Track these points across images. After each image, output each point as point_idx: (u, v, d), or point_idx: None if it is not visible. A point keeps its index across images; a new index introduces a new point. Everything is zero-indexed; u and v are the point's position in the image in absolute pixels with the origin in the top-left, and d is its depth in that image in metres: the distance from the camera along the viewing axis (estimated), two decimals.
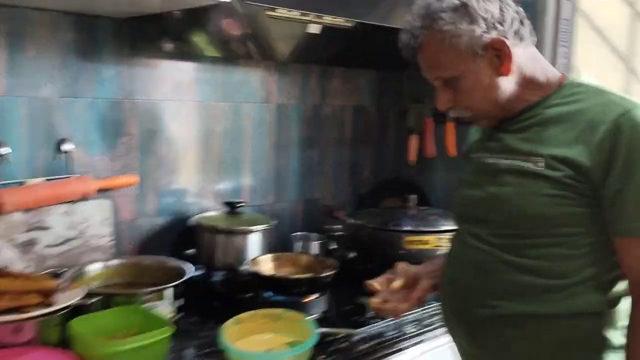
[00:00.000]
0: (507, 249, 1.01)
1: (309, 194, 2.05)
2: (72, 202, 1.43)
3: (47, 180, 1.40)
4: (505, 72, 1.01)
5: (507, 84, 1.02)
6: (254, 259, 1.52)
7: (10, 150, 1.36)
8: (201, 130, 1.73)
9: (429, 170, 2.20)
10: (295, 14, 1.51)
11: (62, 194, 1.39)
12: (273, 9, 1.48)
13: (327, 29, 1.68)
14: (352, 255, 1.69)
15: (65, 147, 1.43)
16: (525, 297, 0.99)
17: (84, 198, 1.44)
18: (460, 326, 1.10)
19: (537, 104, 1.04)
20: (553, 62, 1.83)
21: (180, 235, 1.67)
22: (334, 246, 1.74)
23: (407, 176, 2.27)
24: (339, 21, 1.60)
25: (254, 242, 1.61)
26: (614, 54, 1.90)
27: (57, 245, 1.41)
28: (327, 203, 2.07)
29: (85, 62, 1.46)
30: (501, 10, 1.01)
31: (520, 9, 1.05)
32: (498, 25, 1.00)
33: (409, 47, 1.05)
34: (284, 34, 1.73)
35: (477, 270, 1.05)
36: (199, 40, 1.60)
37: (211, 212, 1.71)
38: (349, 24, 1.63)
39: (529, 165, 0.99)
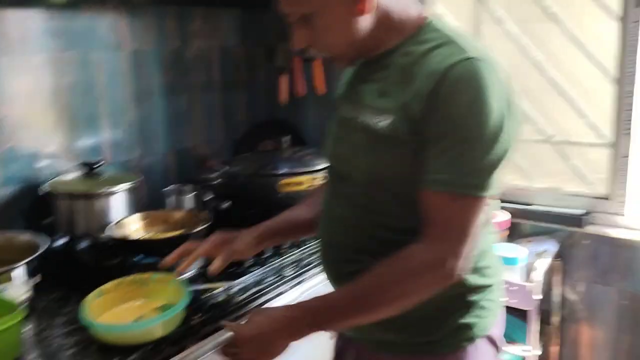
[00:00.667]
0: (366, 207, 1.00)
1: (180, 144, 1.95)
2: None
3: None
4: (361, 11, 0.94)
5: (364, 24, 0.96)
6: (119, 222, 1.43)
7: None
8: (47, 86, 1.55)
9: (301, 109, 2.17)
10: None
11: None
12: None
13: None
14: (226, 205, 1.64)
15: None
16: (383, 253, 0.96)
17: None
18: (331, 277, 1.10)
19: (393, 50, 0.99)
20: None
21: (34, 204, 1.52)
22: (208, 197, 1.67)
23: (281, 117, 2.22)
24: None
25: (119, 203, 1.50)
26: None
27: None
28: (200, 152, 1.99)
29: None
30: None
31: None
32: None
33: None
34: None
35: (343, 227, 1.04)
36: None
37: (68, 174, 1.57)
38: None
39: (376, 121, 0.96)
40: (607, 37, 1.77)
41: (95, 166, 1.52)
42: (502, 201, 1.94)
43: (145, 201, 1.65)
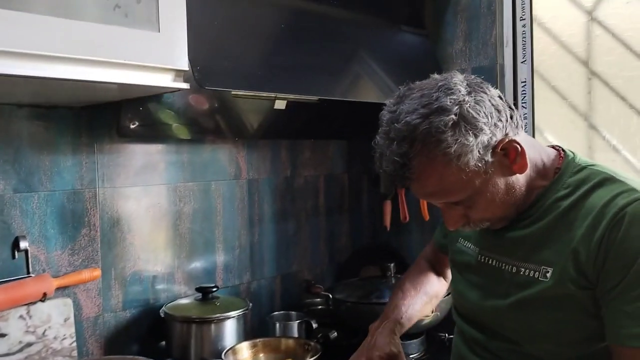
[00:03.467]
0: None
1: (286, 268, 1.97)
2: (30, 303, 1.33)
3: (1, 282, 1.30)
4: (522, 170, 0.89)
5: (522, 179, 0.91)
6: (230, 349, 1.42)
7: None
8: (169, 213, 1.66)
9: (404, 234, 2.15)
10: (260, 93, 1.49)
11: (18, 296, 1.29)
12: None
13: (293, 104, 1.67)
14: (333, 334, 1.61)
15: (22, 244, 1.34)
16: None
17: (43, 298, 1.34)
18: None
19: (543, 195, 0.93)
20: None
21: (150, 327, 1.57)
22: (315, 325, 1.65)
23: (384, 242, 2.21)
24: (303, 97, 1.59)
25: (230, 329, 1.51)
26: (574, 112, 1.92)
27: (14, 353, 1.29)
28: (305, 276, 2.00)
29: (41, 154, 1.40)
30: (492, 104, 0.87)
31: (499, 92, 0.92)
32: (498, 123, 0.87)
33: (402, 178, 0.88)
34: (250, 111, 1.71)
35: None
36: (162, 123, 1.55)
37: (183, 299, 1.62)
38: (314, 98, 1.62)
39: (536, 274, 0.89)
40: None
41: (210, 291, 1.56)
42: None
43: (254, 325, 1.65)
